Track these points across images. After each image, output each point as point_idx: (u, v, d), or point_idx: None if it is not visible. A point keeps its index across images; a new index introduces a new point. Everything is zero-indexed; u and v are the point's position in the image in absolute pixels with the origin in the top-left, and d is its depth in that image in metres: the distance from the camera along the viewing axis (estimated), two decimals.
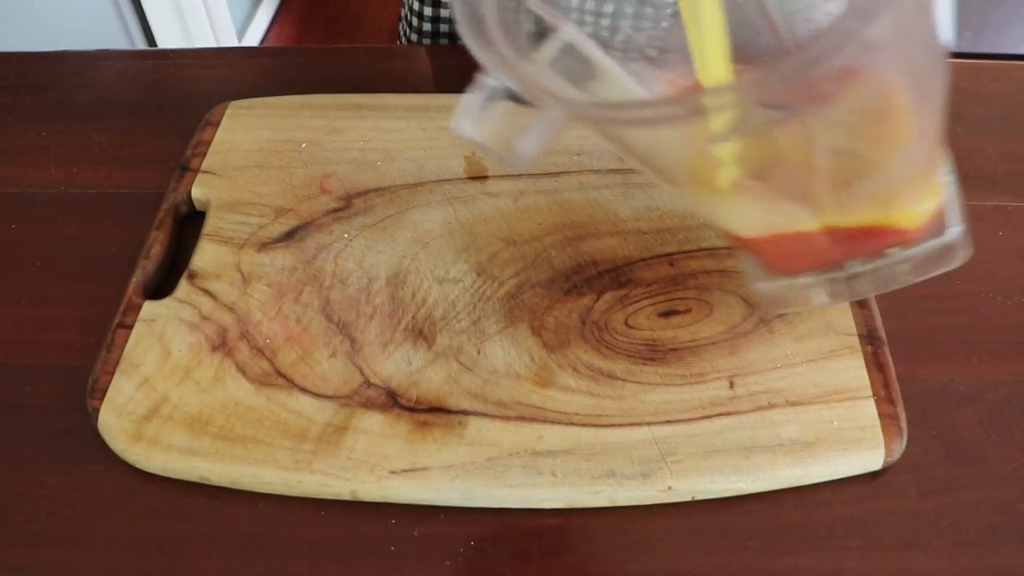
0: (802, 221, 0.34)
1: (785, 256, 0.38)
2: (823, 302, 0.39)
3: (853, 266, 0.38)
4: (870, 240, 0.37)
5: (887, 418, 0.39)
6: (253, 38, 1.81)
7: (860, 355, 0.41)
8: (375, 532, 0.37)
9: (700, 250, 0.46)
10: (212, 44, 1.56)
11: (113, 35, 1.39)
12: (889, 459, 0.38)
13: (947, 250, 0.38)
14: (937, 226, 0.37)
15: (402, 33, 0.76)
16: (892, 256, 0.37)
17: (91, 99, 0.59)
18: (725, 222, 0.37)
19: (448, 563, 0.36)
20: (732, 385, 0.40)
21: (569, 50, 0.34)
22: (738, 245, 0.39)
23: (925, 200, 0.35)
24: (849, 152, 0.31)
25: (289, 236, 0.47)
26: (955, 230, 0.37)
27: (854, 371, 0.40)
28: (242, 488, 0.38)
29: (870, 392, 0.40)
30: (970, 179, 0.52)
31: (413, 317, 0.43)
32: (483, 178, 0.49)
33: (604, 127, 0.32)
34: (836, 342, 0.42)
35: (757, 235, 0.37)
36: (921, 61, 0.30)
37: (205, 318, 0.43)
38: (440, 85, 0.58)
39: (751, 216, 0.35)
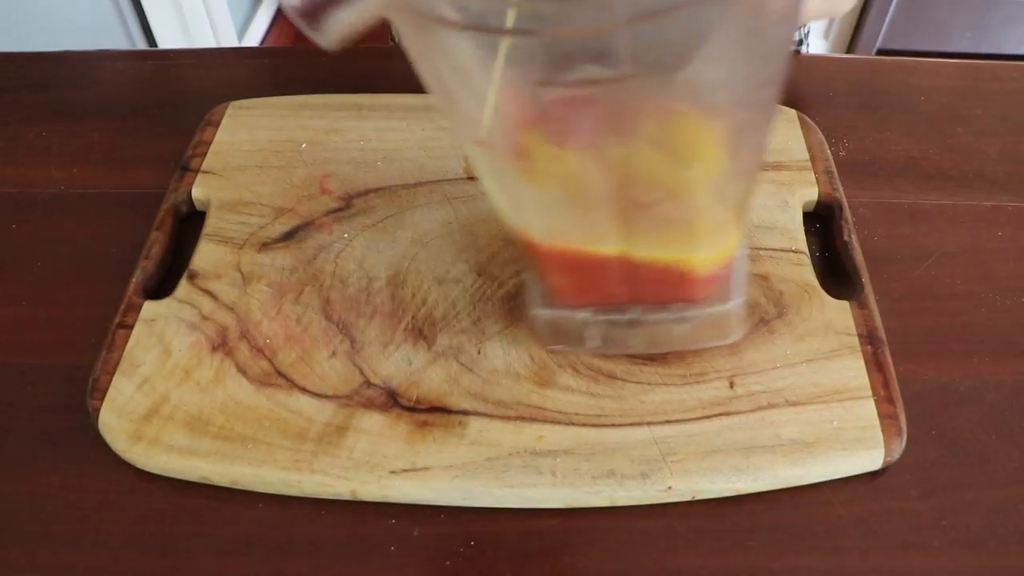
0: (601, 235, 0.33)
1: (573, 280, 0.37)
2: (595, 346, 0.40)
3: (635, 312, 0.38)
4: (658, 285, 0.36)
5: (887, 418, 0.39)
6: (253, 38, 1.81)
7: (860, 355, 0.41)
8: (375, 532, 0.37)
9: None
10: (212, 44, 1.56)
11: (114, 36, 1.39)
12: (889, 459, 0.38)
13: (725, 320, 0.38)
14: (722, 293, 0.38)
15: (395, 32, 0.76)
16: (673, 312, 0.38)
17: (92, 99, 0.59)
18: (526, 218, 0.35)
19: (448, 563, 0.36)
20: (732, 385, 0.40)
21: None
22: (531, 259, 0.38)
23: (719, 253, 0.35)
24: (661, 160, 0.30)
25: (289, 236, 0.47)
26: (737, 301, 0.38)
27: (854, 371, 0.40)
28: (242, 488, 0.38)
29: (870, 392, 0.40)
30: (970, 179, 0.52)
31: (413, 317, 0.43)
32: None
33: (420, 27, 0.29)
34: (836, 342, 0.42)
35: (554, 245, 0.35)
36: (754, 96, 0.30)
37: (205, 318, 0.43)
38: None
39: (552, 214, 0.34)
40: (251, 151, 0.51)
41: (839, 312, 0.43)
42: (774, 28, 0.27)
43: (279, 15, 1.95)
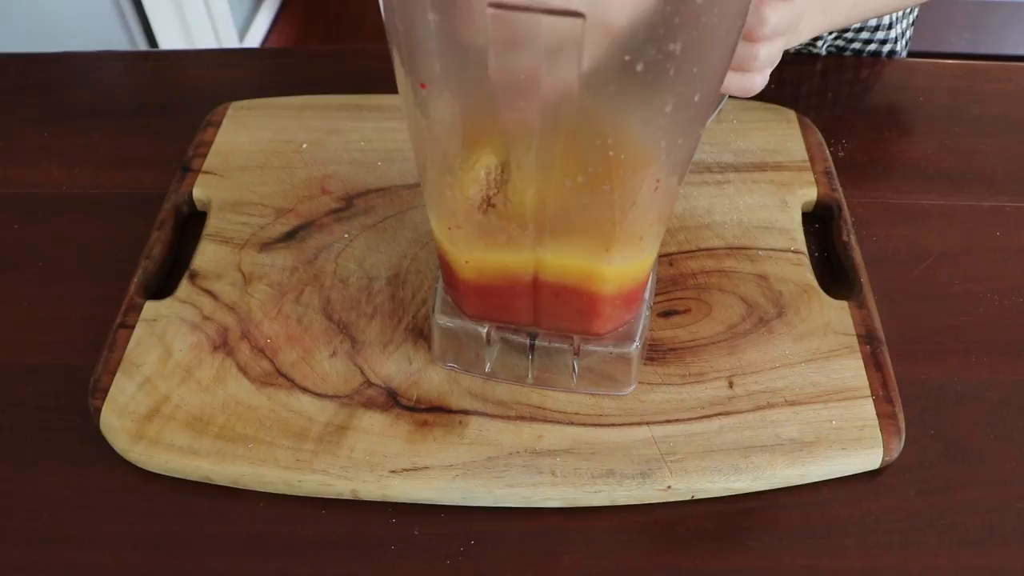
0: (519, 227, 0.33)
1: (483, 296, 0.37)
2: (491, 371, 0.40)
3: (536, 337, 0.38)
4: (563, 307, 0.37)
5: (885, 418, 0.39)
6: (254, 39, 1.81)
7: (859, 355, 0.41)
8: (376, 531, 0.37)
9: (699, 250, 0.46)
10: (213, 45, 1.56)
11: (114, 36, 1.39)
12: (887, 458, 0.38)
13: (622, 364, 0.38)
14: (622, 335, 0.38)
15: None
16: (573, 345, 0.38)
17: (93, 100, 0.59)
18: (450, 213, 0.34)
19: (448, 562, 0.36)
20: (731, 385, 0.40)
21: None
22: (445, 270, 0.38)
23: (628, 271, 0.35)
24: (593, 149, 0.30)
25: (290, 236, 0.47)
26: (636, 345, 0.38)
27: (853, 371, 0.41)
28: (243, 487, 0.38)
29: (868, 392, 0.40)
30: (968, 179, 0.52)
31: (413, 317, 0.43)
32: None
33: None
34: (835, 342, 0.42)
35: (470, 257, 0.35)
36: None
37: (206, 318, 0.43)
38: None
39: (470, 191, 0.33)
40: (252, 151, 0.52)
41: (838, 312, 0.43)
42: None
43: (280, 16, 1.95)
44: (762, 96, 0.55)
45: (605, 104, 0.28)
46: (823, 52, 0.64)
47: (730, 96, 0.44)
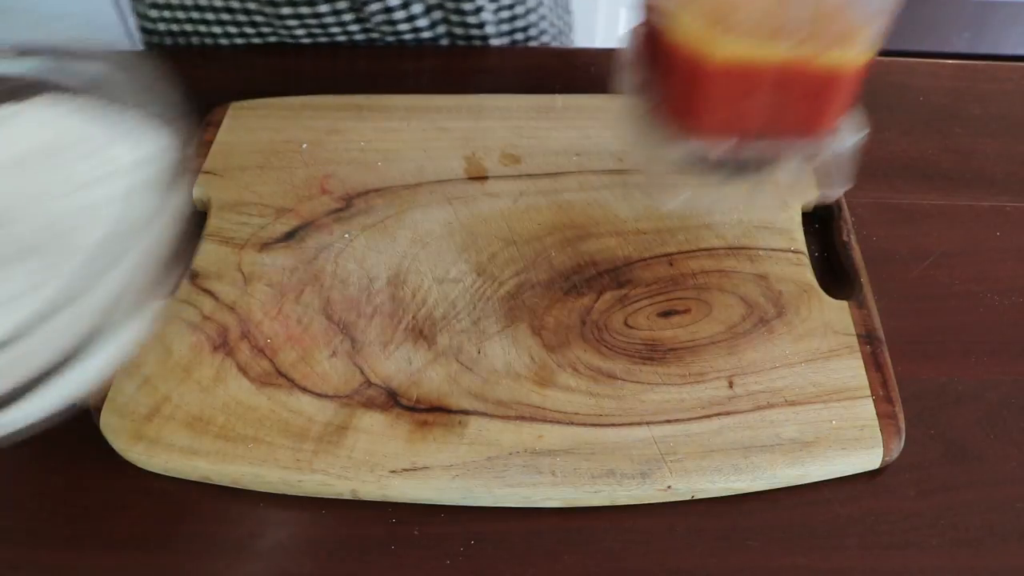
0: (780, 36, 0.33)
1: (724, 98, 0.37)
2: (687, 198, 0.40)
3: (748, 152, 0.38)
4: (801, 100, 0.36)
5: (885, 417, 0.39)
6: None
7: (859, 355, 0.41)
8: (375, 531, 0.37)
9: (699, 250, 0.46)
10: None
11: (113, 35, 1.39)
12: (887, 458, 0.38)
13: (839, 162, 0.38)
14: (842, 133, 0.38)
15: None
16: (789, 150, 0.38)
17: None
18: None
19: (448, 562, 0.36)
20: (731, 385, 0.40)
21: None
22: (678, 84, 0.37)
23: (868, 55, 0.36)
24: None
25: (290, 236, 0.47)
26: (853, 138, 0.38)
27: (852, 371, 0.41)
28: (243, 488, 0.38)
29: (868, 392, 0.40)
30: (968, 179, 0.52)
31: (413, 317, 0.43)
32: (483, 179, 0.50)
33: None
34: (835, 342, 0.42)
35: (722, 56, 0.35)
36: None
37: (206, 318, 0.43)
38: (440, 85, 0.58)
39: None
40: (252, 151, 0.52)
41: (838, 312, 0.43)
42: None
43: None
44: None
45: None
46: None
47: None
